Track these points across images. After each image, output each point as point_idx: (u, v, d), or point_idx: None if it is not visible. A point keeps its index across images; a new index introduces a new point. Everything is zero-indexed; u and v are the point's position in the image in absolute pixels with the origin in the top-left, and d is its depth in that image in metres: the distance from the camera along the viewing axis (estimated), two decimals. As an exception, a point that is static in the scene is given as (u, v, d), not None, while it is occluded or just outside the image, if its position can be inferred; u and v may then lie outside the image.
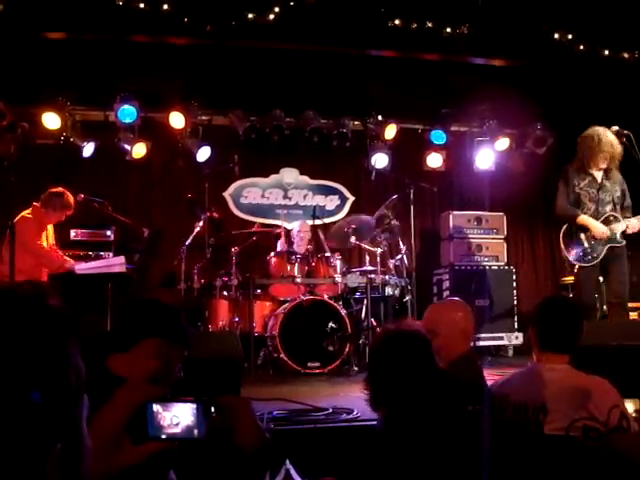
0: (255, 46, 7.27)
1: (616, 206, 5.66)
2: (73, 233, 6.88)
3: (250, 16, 6.84)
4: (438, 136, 8.18)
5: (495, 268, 7.93)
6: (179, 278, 6.77)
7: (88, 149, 7.28)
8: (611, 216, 5.62)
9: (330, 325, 6.37)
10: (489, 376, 4.38)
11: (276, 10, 6.88)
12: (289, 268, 6.67)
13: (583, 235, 5.63)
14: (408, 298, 6.86)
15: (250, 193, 8.17)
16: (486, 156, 8.35)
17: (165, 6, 6.67)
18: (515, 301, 7.86)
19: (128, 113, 7.24)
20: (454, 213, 8.06)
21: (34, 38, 6.77)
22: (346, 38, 7.22)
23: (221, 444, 1.72)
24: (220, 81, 7.58)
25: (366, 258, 7.18)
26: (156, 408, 1.61)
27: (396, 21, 7.20)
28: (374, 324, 6.49)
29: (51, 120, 7.10)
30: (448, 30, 7.31)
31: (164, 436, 1.61)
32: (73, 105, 7.36)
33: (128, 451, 1.62)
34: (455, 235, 7.98)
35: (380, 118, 8.05)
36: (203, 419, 1.62)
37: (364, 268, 6.99)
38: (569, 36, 7.49)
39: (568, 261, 5.75)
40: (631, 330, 4.57)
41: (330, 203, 8.36)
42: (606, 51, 7.60)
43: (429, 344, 2.06)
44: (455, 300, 3.13)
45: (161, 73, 7.28)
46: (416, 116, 8.37)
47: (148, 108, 7.45)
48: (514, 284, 7.94)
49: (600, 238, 5.54)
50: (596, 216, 5.61)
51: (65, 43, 6.95)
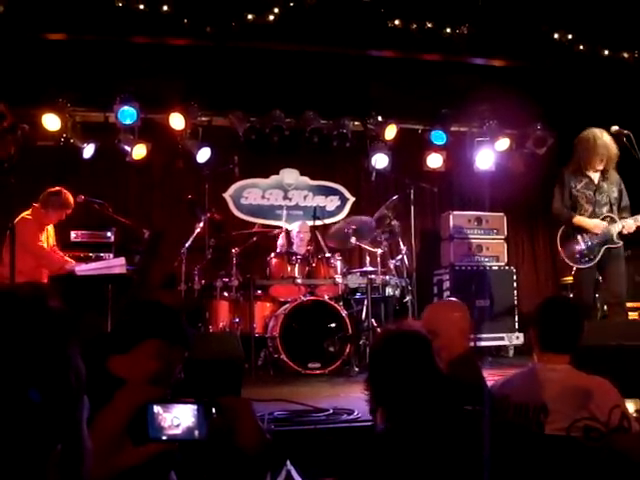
0: (255, 47, 7.27)
1: (612, 207, 5.69)
2: (73, 234, 6.89)
3: (250, 17, 6.84)
4: (438, 136, 8.17)
5: (495, 268, 7.94)
6: (179, 279, 6.77)
7: (88, 150, 7.28)
8: (607, 217, 5.66)
9: (330, 326, 6.38)
10: (490, 376, 4.38)
11: (276, 11, 6.88)
12: (289, 269, 6.67)
13: (580, 237, 5.66)
14: (408, 298, 6.85)
15: (250, 194, 8.17)
16: (486, 156, 8.35)
17: (165, 7, 6.67)
18: (515, 301, 7.87)
19: (128, 114, 7.24)
20: (454, 213, 8.06)
21: (34, 39, 6.76)
22: (346, 39, 7.21)
23: (222, 445, 1.72)
24: (220, 82, 7.58)
25: (366, 259, 7.17)
26: (157, 409, 1.61)
27: (396, 21, 7.20)
28: (374, 325, 6.48)
29: (51, 121, 7.10)
30: (448, 30, 7.30)
31: (165, 437, 1.61)
32: (73, 106, 7.36)
33: (129, 452, 1.62)
34: (455, 235, 7.97)
35: (380, 118, 8.05)
36: (204, 420, 1.61)
37: (364, 269, 6.99)
38: (569, 36, 7.49)
39: (565, 264, 5.83)
40: (631, 330, 4.58)
41: (330, 204, 8.36)
42: (606, 51, 7.60)
43: (430, 345, 2.06)
44: (452, 300, 3.15)
45: (161, 74, 7.28)
46: (416, 116, 8.37)
47: (148, 109, 7.45)
48: (514, 284, 7.94)
49: (598, 232, 5.57)
50: (593, 217, 5.65)
51: (65, 44, 6.95)
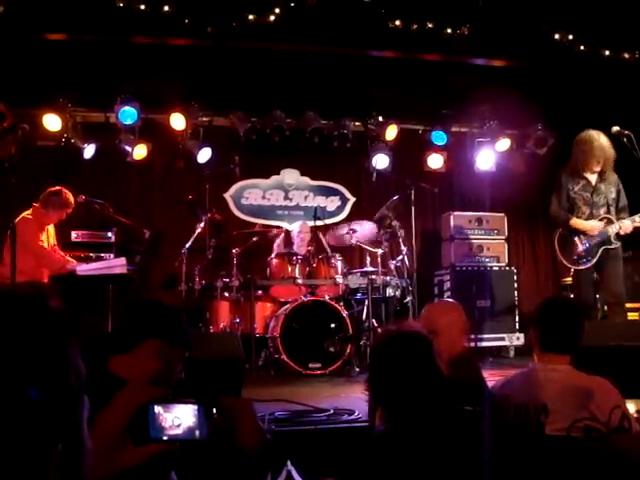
0: (256, 47, 7.27)
1: (610, 208, 5.73)
2: (74, 234, 6.89)
3: (250, 17, 6.84)
4: (439, 137, 8.17)
5: (496, 269, 7.93)
6: (180, 279, 6.76)
7: (89, 151, 7.28)
8: (605, 218, 5.70)
9: (331, 326, 6.37)
10: (490, 377, 4.38)
11: (276, 11, 6.87)
12: (290, 269, 6.68)
13: (577, 238, 5.71)
14: (409, 299, 6.85)
15: (251, 194, 8.17)
16: (487, 157, 8.35)
17: (166, 7, 6.67)
18: (516, 302, 7.86)
19: (129, 114, 7.24)
20: (455, 214, 8.05)
21: (35, 39, 6.77)
22: (347, 39, 7.21)
23: (222, 445, 1.72)
24: (221, 82, 7.58)
25: (367, 259, 7.17)
26: (157, 409, 1.60)
27: (397, 22, 7.19)
28: (375, 325, 6.48)
29: (52, 122, 7.10)
30: (449, 31, 7.30)
31: (165, 437, 1.61)
32: (74, 106, 7.36)
33: (129, 452, 1.62)
34: (456, 236, 7.97)
35: (381, 119, 8.04)
36: (204, 420, 1.61)
37: (365, 269, 6.99)
38: (570, 36, 7.48)
39: (563, 265, 5.88)
40: (630, 330, 4.58)
41: (331, 204, 8.36)
42: (607, 51, 7.59)
43: (430, 345, 2.06)
44: (449, 301, 3.19)
45: (162, 74, 7.28)
46: (417, 117, 8.37)
47: (149, 109, 7.45)
48: (515, 285, 7.94)
49: (594, 233, 5.61)
50: (590, 219, 5.70)
51: (66, 44, 6.95)
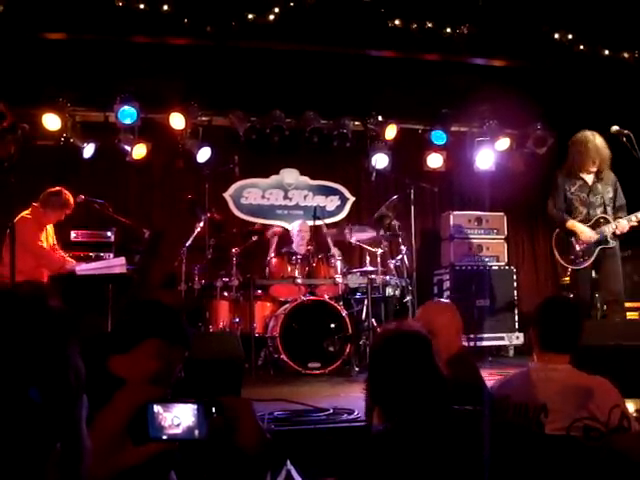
0: (255, 47, 7.26)
1: (607, 207, 5.78)
2: (73, 234, 6.88)
3: (250, 16, 6.83)
4: (438, 136, 8.17)
5: (496, 268, 7.94)
6: (180, 279, 6.76)
7: (88, 150, 7.28)
8: (601, 218, 5.75)
9: (331, 326, 6.37)
10: (490, 376, 4.39)
11: (276, 10, 6.87)
12: (289, 269, 6.68)
13: (574, 239, 5.77)
14: (409, 298, 6.85)
15: (250, 194, 8.17)
16: (486, 156, 8.35)
17: (165, 7, 6.66)
18: (516, 301, 7.87)
19: (128, 114, 7.24)
20: (454, 213, 8.06)
21: (34, 39, 6.76)
22: (346, 38, 7.21)
23: (222, 445, 1.72)
24: (220, 82, 7.57)
25: (367, 258, 7.17)
26: (157, 409, 1.60)
27: (396, 21, 7.19)
28: (375, 325, 6.48)
29: (51, 121, 7.10)
30: (448, 30, 7.29)
31: (165, 437, 1.61)
32: (73, 106, 7.36)
33: (129, 452, 1.62)
34: (455, 235, 7.98)
35: (380, 118, 8.05)
36: (204, 420, 1.61)
37: (364, 269, 6.98)
38: (569, 36, 7.48)
39: (561, 265, 5.93)
40: (629, 330, 4.58)
41: (330, 204, 8.36)
42: (606, 51, 7.59)
43: (430, 344, 2.06)
44: (443, 301, 3.25)
45: (161, 74, 7.27)
46: (416, 116, 8.37)
47: (148, 109, 7.45)
48: (515, 284, 7.94)
49: (587, 243, 5.67)
50: (587, 219, 5.75)
51: (65, 44, 6.95)
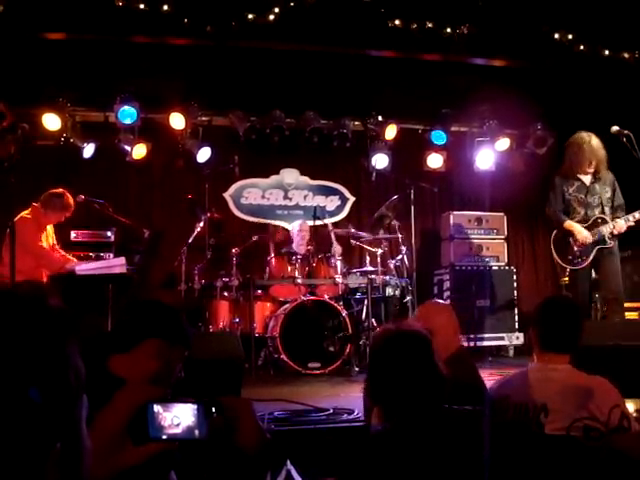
0: (255, 46, 7.26)
1: (605, 208, 5.82)
2: (73, 234, 6.88)
3: (250, 16, 6.83)
4: (438, 136, 8.17)
5: (496, 268, 7.93)
6: (180, 279, 6.77)
7: (88, 150, 7.28)
8: (599, 219, 5.79)
9: (331, 326, 6.37)
10: (490, 376, 4.39)
11: (276, 10, 6.86)
12: (289, 269, 6.67)
13: (572, 239, 5.81)
14: (409, 298, 6.85)
15: (250, 194, 8.16)
16: (486, 156, 8.35)
17: (165, 7, 6.66)
18: (516, 301, 7.87)
19: (128, 114, 7.24)
20: (454, 213, 8.06)
21: (34, 39, 6.75)
22: (346, 38, 7.20)
23: (222, 445, 1.72)
24: (220, 82, 7.57)
25: (367, 259, 7.17)
26: (157, 409, 1.60)
27: (396, 21, 7.18)
28: (375, 325, 6.48)
29: (51, 121, 7.09)
30: (448, 30, 7.29)
31: (165, 437, 1.61)
32: (73, 106, 7.36)
33: (129, 452, 1.61)
34: (456, 235, 7.97)
35: (380, 118, 8.04)
36: (204, 420, 1.61)
37: (365, 269, 6.99)
38: (569, 36, 7.48)
39: (559, 265, 5.95)
40: (629, 330, 4.58)
41: (330, 204, 8.35)
42: (606, 51, 7.58)
43: (430, 344, 2.06)
44: (440, 301, 3.34)
45: (161, 74, 7.27)
46: (416, 116, 8.36)
47: (148, 109, 7.45)
48: (515, 284, 7.94)
49: (583, 243, 5.71)
50: (585, 219, 5.80)
51: (65, 44, 6.94)
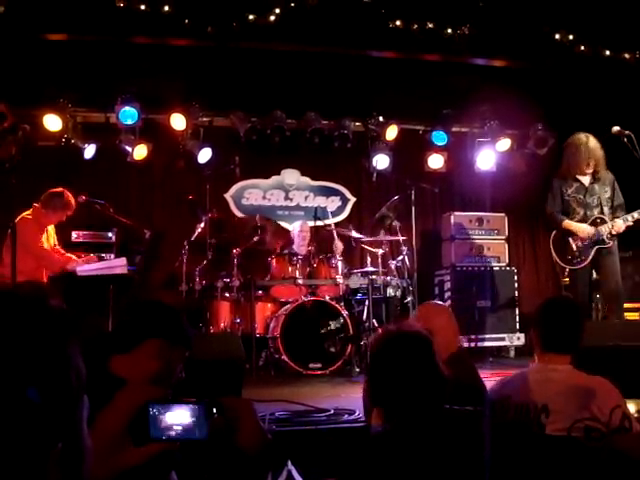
0: (256, 47, 7.26)
1: (604, 208, 5.85)
2: (74, 235, 6.88)
3: (251, 17, 6.83)
4: (439, 137, 8.17)
5: (497, 269, 7.93)
6: (180, 279, 6.76)
7: (89, 151, 7.28)
8: (598, 219, 5.82)
9: (332, 326, 6.37)
10: (491, 377, 4.39)
11: (277, 11, 6.86)
12: (290, 269, 6.67)
13: (571, 239, 5.86)
14: (410, 299, 6.85)
15: (251, 194, 8.16)
16: (487, 157, 8.34)
17: (166, 7, 6.66)
18: (517, 302, 7.86)
19: (129, 115, 7.24)
20: (455, 214, 8.05)
21: (35, 39, 6.75)
22: (347, 39, 7.20)
23: (223, 445, 1.72)
24: (221, 82, 7.57)
25: (367, 259, 7.17)
26: (158, 409, 1.61)
27: (397, 22, 7.18)
28: (376, 325, 6.48)
29: (52, 122, 7.09)
30: (449, 31, 7.29)
31: (166, 437, 1.61)
32: (74, 107, 7.36)
33: (130, 452, 1.62)
34: (456, 236, 7.97)
35: (381, 119, 8.04)
36: (205, 420, 1.61)
37: (365, 269, 6.98)
38: (570, 37, 7.48)
39: (559, 265, 6.00)
40: (629, 330, 4.58)
41: (331, 204, 8.34)
42: (607, 52, 7.58)
43: (431, 345, 2.06)
44: (439, 303, 3.36)
45: (162, 74, 7.27)
46: (417, 117, 8.36)
47: (149, 110, 7.45)
48: (515, 285, 7.93)
49: (586, 237, 5.74)
50: (584, 220, 5.84)
51: (66, 45, 6.94)
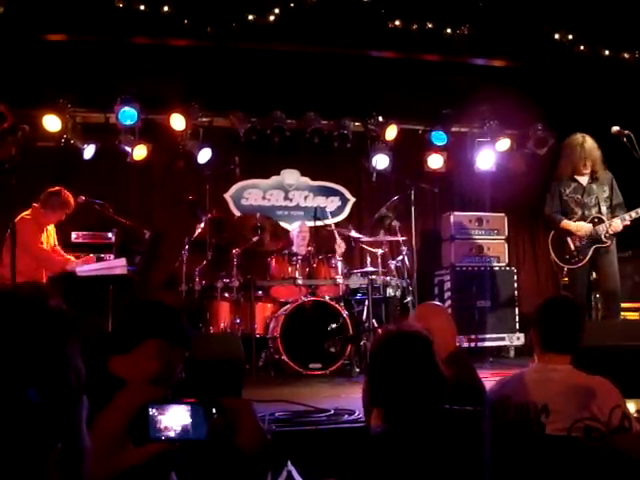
0: (255, 47, 7.26)
1: (602, 207, 5.87)
2: (74, 235, 6.88)
3: (250, 17, 6.83)
4: (439, 137, 8.17)
5: (496, 269, 7.93)
6: (180, 280, 6.76)
7: (89, 151, 7.27)
8: (596, 218, 5.85)
9: (331, 326, 6.37)
10: (491, 377, 4.39)
11: (276, 11, 6.87)
12: (290, 270, 6.67)
13: (569, 239, 5.91)
14: (409, 299, 6.85)
15: (251, 195, 8.16)
16: (487, 157, 8.34)
17: (165, 8, 6.66)
18: (516, 302, 7.86)
19: (129, 115, 7.23)
20: (455, 214, 8.05)
21: (35, 40, 6.75)
22: (346, 39, 7.21)
23: (222, 446, 1.72)
24: (221, 82, 7.57)
25: (367, 259, 7.17)
26: (157, 409, 1.60)
27: (396, 22, 7.19)
28: (375, 325, 6.48)
29: (52, 122, 7.08)
30: (449, 31, 7.29)
31: (165, 437, 1.61)
32: (74, 107, 7.35)
33: (129, 452, 1.62)
34: (456, 236, 7.97)
35: (381, 119, 8.03)
36: (204, 421, 1.61)
37: (365, 269, 6.98)
38: (570, 36, 7.48)
39: (557, 265, 6.03)
40: (629, 330, 4.58)
41: (331, 204, 8.34)
42: (607, 51, 7.59)
43: (431, 345, 2.06)
44: (436, 303, 3.43)
45: (162, 75, 7.26)
46: (417, 117, 8.36)
47: (149, 110, 7.44)
48: (515, 285, 7.93)
49: (584, 235, 5.79)
50: (583, 220, 5.88)
51: (65, 45, 6.94)
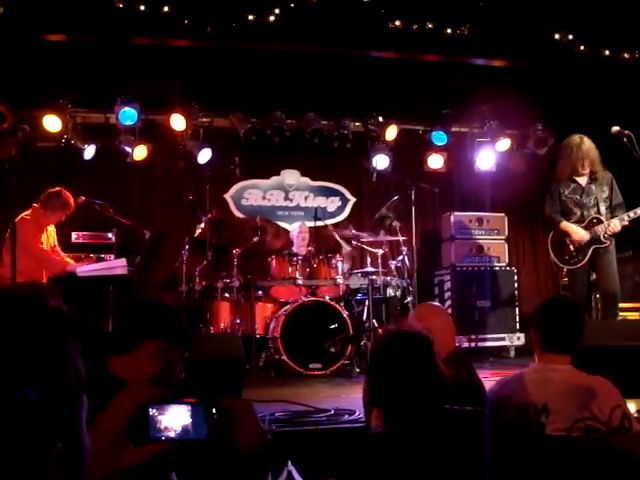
0: (255, 48, 7.27)
1: (600, 208, 5.88)
2: (74, 236, 6.88)
3: (250, 18, 6.84)
4: (439, 137, 8.17)
5: (496, 269, 7.93)
6: (180, 280, 6.76)
7: (89, 151, 7.28)
8: (594, 219, 5.86)
9: (332, 327, 6.37)
10: (491, 377, 4.39)
11: (276, 12, 6.87)
12: (290, 270, 6.67)
13: (568, 240, 5.91)
14: (409, 299, 6.85)
15: (251, 195, 8.16)
16: (487, 157, 8.34)
17: (165, 8, 6.67)
18: (516, 302, 7.86)
19: (129, 115, 7.24)
20: (455, 214, 8.05)
21: (35, 40, 6.76)
22: (347, 39, 7.21)
23: (222, 446, 1.72)
24: (221, 83, 7.57)
25: (367, 259, 7.17)
26: (157, 410, 1.61)
27: (397, 22, 7.19)
28: (376, 325, 6.48)
29: (52, 123, 7.09)
30: (449, 31, 7.29)
31: (165, 437, 1.61)
32: (74, 107, 7.35)
33: (130, 452, 1.62)
34: (456, 236, 7.97)
35: (381, 119, 8.03)
36: (204, 421, 1.62)
37: (365, 269, 6.98)
38: (570, 37, 7.48)
39: (556, 265, 6.04)
40: (629, 330, 4.58)
41: (331, 204, 8.35)
42: (607, 51, 7.59)
43: (431, 345, 2.06)
44: (435, 304, 3.44)
45: (162, 75, 7.27)
46: (417, 117, 8.36)
47: (149, 110, 7.45)
48: (515, 285, 7.93)
49: (579, 242, 5.80)
50: (582, 220, 5.89)
51: (65, 45, 6.95)
